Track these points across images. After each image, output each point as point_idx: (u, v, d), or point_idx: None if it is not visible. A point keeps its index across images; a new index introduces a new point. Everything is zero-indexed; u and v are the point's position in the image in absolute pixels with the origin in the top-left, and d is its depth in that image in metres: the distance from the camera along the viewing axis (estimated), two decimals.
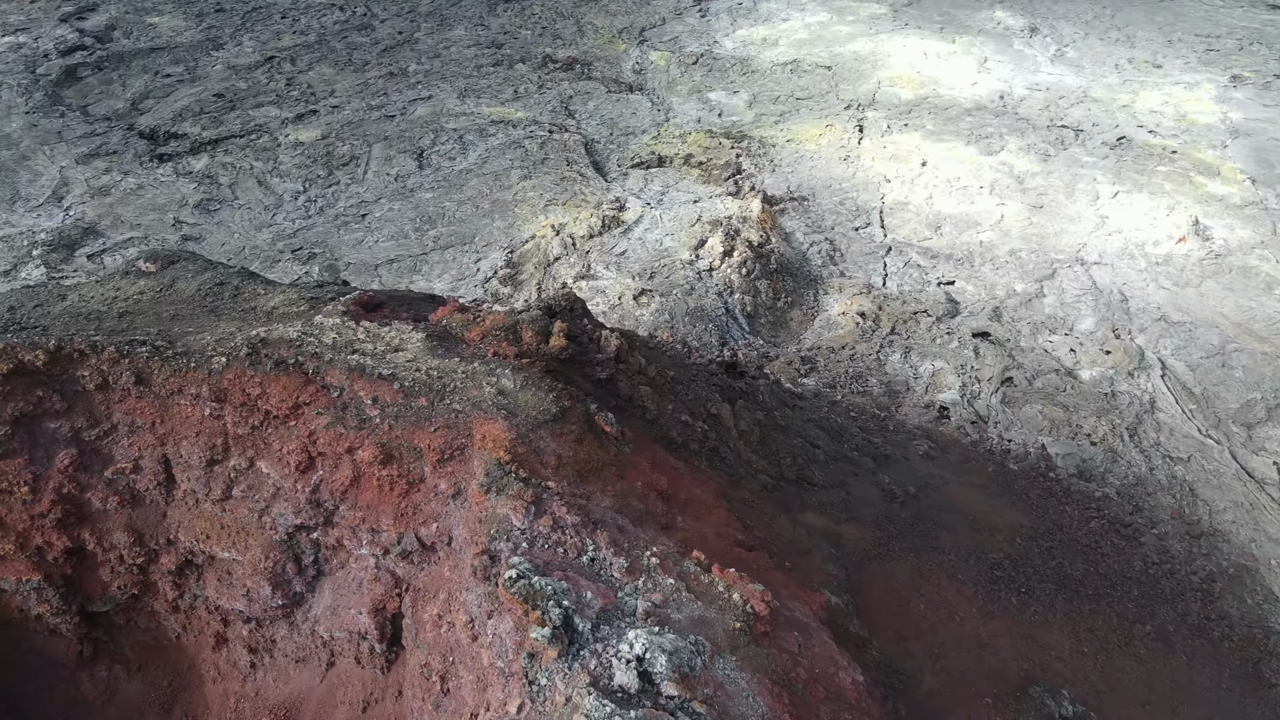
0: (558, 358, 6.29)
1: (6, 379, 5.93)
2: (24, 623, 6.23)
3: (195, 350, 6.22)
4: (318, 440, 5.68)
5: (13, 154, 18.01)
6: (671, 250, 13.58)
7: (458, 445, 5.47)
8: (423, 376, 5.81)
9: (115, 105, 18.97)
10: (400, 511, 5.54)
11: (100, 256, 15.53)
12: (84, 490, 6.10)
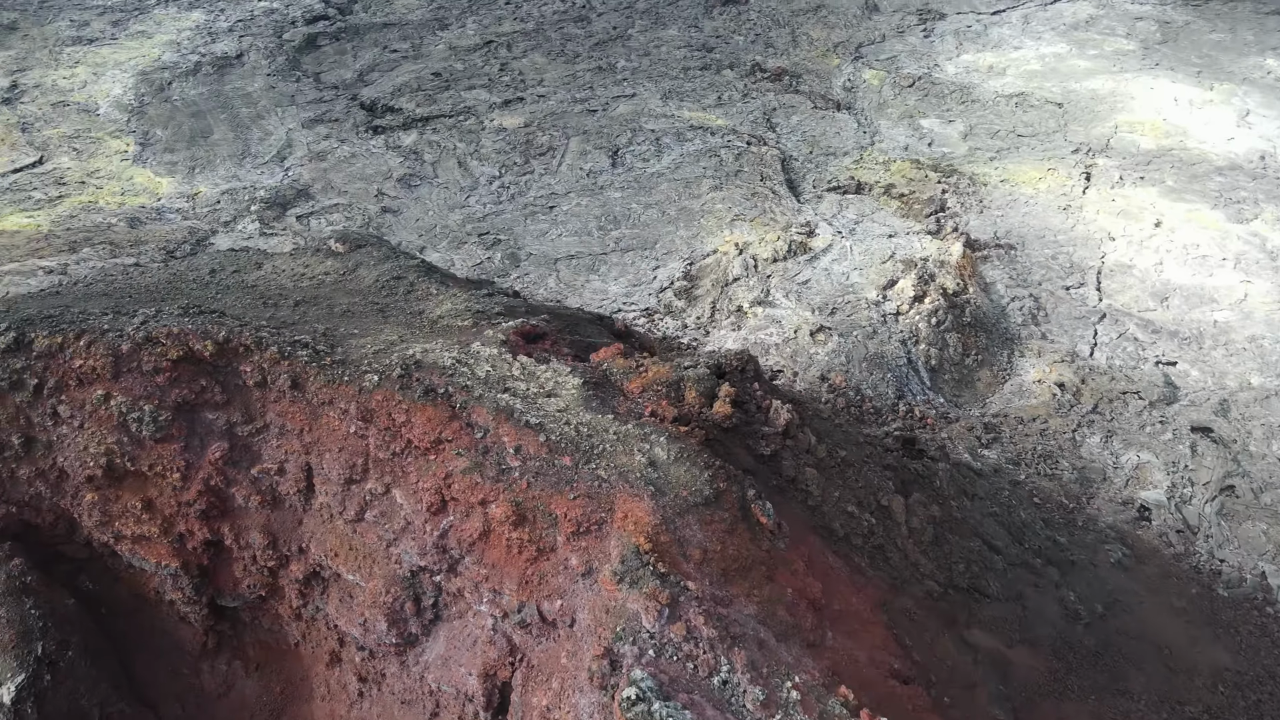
0: (720, 425, 5.58)
1: (175, 365, 5.83)
2: (157, 605, 6.17)
3: (352, 360, 5.93)
4: (453, 484, 5.23)
5: (250, 112, 18.97)
6: (857, 286, 12.53)
7: (596, 519, 4.88)
8: (571, 432, 5.24)
9: (344, 75, 19.64)
10: (525, 578, 5.01)
11: (307, 218, 16.05)
12: (229, 485, 5.95)
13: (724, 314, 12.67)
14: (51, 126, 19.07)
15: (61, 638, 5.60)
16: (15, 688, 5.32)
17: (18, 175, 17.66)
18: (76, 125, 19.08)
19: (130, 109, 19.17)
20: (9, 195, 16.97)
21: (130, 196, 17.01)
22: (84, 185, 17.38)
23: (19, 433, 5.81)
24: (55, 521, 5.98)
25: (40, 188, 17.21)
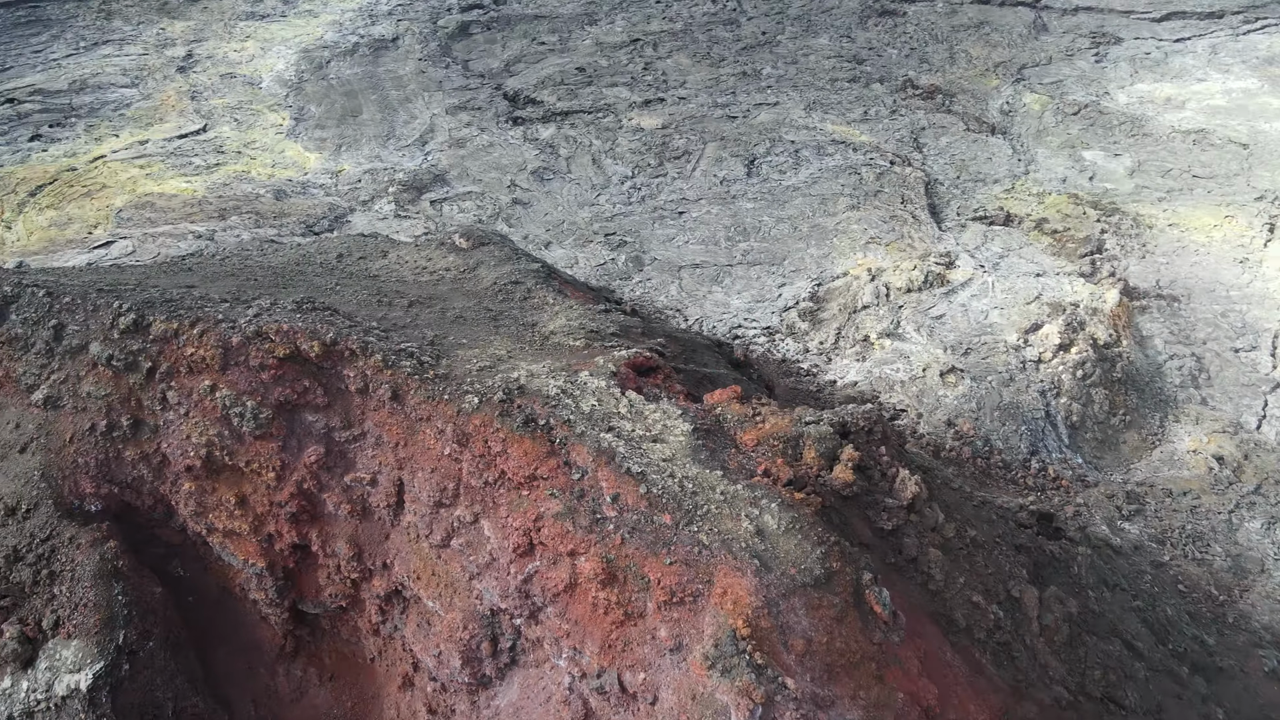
0: (838, 493, 4.96)
1: (281, 363, 5.62)
2: (242, 602, 6.02)
3: (455, 377, 5.59)
4: (543, 528, 4.80)
5: (399, 95, 19.20)
6: (996, 327, 11.53)
7: (692, 590, 4.36)
8: (674, 486, 4.73)
9: (491, 64, 19.65)
10: (609, 641, 4.54)
11: (441, 204, 16.07)
12: (321, 490, 5.71)
13: (849, 342, 11.90)
14: (218, 96, 19.81)
15: (144, 628, 5.49)
16: (93, 675, 5.23)
17: (183, 141, 18.39)
18: (240, 97, 19.75)
19: (289, 84, 19.71)
20: (173, 160, 17.68)
21: (280, 169, 17.46)
22: (240, 155, 17.95)
23: (129, 414, 5.73)
24: (154, 505, 5.88)
25: (201, 154, 17.86)
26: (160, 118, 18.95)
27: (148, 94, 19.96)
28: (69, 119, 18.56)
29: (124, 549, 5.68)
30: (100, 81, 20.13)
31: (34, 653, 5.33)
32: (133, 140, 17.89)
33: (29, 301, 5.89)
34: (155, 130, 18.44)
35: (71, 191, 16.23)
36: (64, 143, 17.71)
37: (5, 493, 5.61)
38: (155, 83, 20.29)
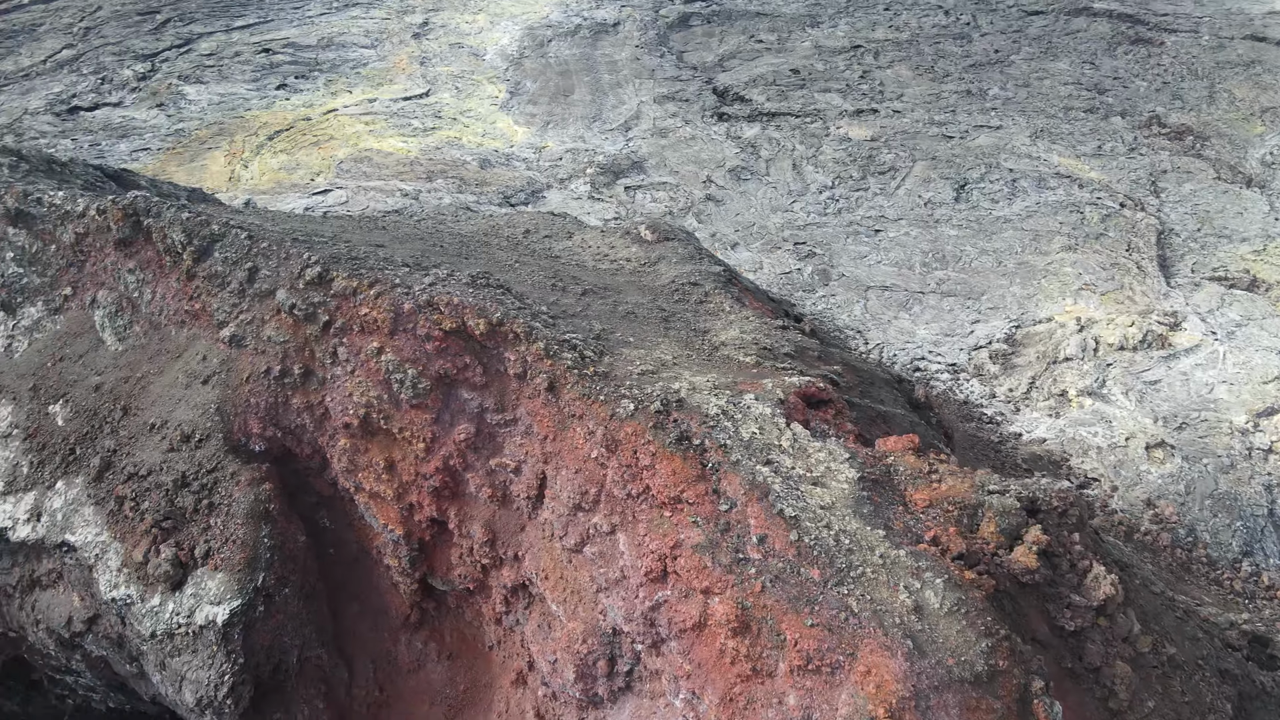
0: (1017, 578, 4.30)
1: (446, 336, 5.53)
2: (377, 564, 6.02)
3: (615, 377, 5.30)
4: (680, 558, 4.43)
5: (611, 79, 19.29)
6: (1222, 405, 10.13)
7: (831, 660, 3.87)
8: (829, 539, 4.23)
9: (705, 58, 19.38)
10: (731, 695, 4.12)
11: (635, 191, 15.98)
12: (466, 469, 5.60)
13: (1042, 394, 10.80)
14: (444, 64, 20.62)
15: (284, 574, 5.57)
16: (229, 611, 5.35)
17: (406, 103, 19.26)
18: (464, 66, 20.47)
19: (510, 59, 20.23)
20: (395, 120, 18.54)
21: (488, 139, 17.94)
22: (454, 122, 18.59)
23: (301, 363, 5.82)
24: (312, 455, 5.97)
25: (420, 117, 18.63)
26: (390, 79, 19.94)
27: (383, 56, 21.06)
28: (312, 72, 19.85)
29: (278, 493, 5.79)
30: (344, 40, 21.43)
31: (184, 577, 5.52)
32: (363, 97, 18.92)
33: (231, 242, 6.10)
34: (384, 90, 19.43)
35: (303, 139, 17.33)
36: (304, 94, 18.95)
37: (184, 420, 5.84)
38: (391, 46, 21.38)
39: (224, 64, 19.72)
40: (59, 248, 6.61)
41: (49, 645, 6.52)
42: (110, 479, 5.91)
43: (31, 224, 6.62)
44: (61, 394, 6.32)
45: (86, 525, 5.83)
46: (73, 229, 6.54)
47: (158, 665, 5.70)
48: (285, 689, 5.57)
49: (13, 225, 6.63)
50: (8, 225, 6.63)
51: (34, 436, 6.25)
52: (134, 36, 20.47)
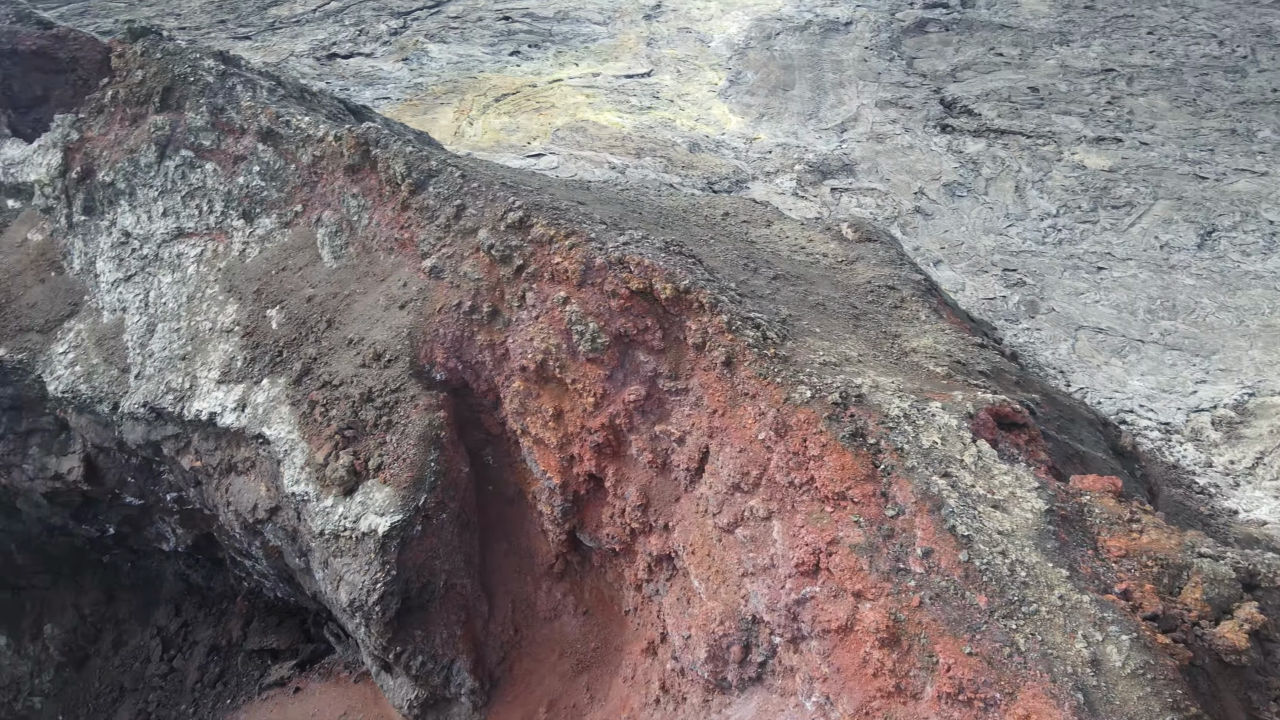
0: (1218, 655, 3.78)
1: (631, 296, 5.52)
2: (531, 508, 6.13)
3: (795, 362, 5.10)
4: (835, 555, 4.20)
5: (834, 78, 18.83)
6: None
7: (986, 696, 3.53)
8: (1003, 567, 3.87)
9: (937, 66, 18.53)
10: (867, 707, 3.85)
11: (840, 194, 15.53)
12: (630, 430, 5.57)
13: (1271, 473, 9.59)
14: (670, 47, 20.84)
15: (443, 499, 5.77)
16: (390, 524, 5.59)
17: (628, 80, 19.61)
18: (688, 51, 20.60)
19: (735, 48, 20.16)
20: (614, 95, 18.93)
21: (702, 124, 17.98)
22: (671, 104, 18.74)
23: (491, 302, 6.00)
24: (486, 392, 6.15)
25: (639, 96, 18.92)
26: (616, 56, 20.38)
27: (613, 34, 21.55)
28: (544, 42, 20.60)
29: (450, 422, 6.00)
30: (579, 15, 22.10)
31: (355, 485, 5.83)
32: (588, 71, 19.45)
33: (445, 179, 6.36)
34: (608, 66, 19.87)
35: (527, 105, 18.02)
36: (534, 62, 19.71)
37: (379, 340, 6.16)
38: (622, 25, 21.84)
39: (467, 27, 20.83)
40: (297, 167, 7.14)
41: (235, 528, 7.10)
42: (307, 384, 6.33)
43: (278, 143, 7.19)
44: (279, 300, 6.83)
45: (281, 422, 6.28)
46: (311, 151, 7.04)
47: (321, 563, 6.06)
48: (429, 609, 5.78)
49: (262, 142, 7.22)
50: (258, 141, 7.23)
51: (251, 335, 6.79)
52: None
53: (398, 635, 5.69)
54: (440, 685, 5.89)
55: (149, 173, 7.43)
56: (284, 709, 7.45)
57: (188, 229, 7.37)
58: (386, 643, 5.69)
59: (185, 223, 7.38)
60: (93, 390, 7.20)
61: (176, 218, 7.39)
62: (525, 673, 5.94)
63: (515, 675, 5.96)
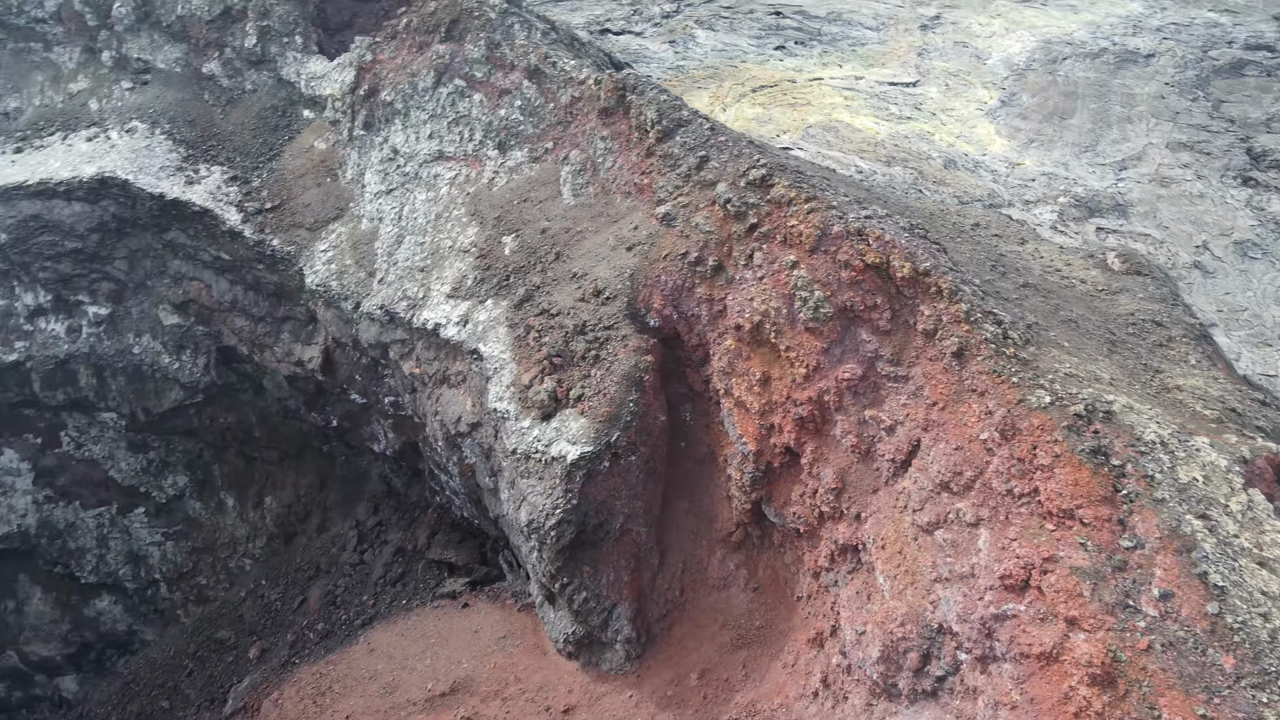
0: None
1: (864, 270, 5.19)
2: (720, 472, 5.93)
3: (1036, 367, 4.59)
4: (1051, 574, 3.70)
5: (1122, 112, 17.22)
6: None
7: None
8: (1262, 632, 3.24)
9: (1249, 113, 16.47)
10: None
11: (1107, 235, 14.16)
12: (838, 410, 5.25)
13: None
14: (942, 60, 19.91)
15: (634, 441, 5.71)
16: (580, 454, 5.60)
17: (891, 88, 18.92)
18: (961, 65, 19.59)
19: (1013, 68, 18.94)
20: (873, 100, 18.32)
21: (962, 142, 17.00)
22: (933, 117, 17.88)
23: (717, 257, 5.87)
24: (696, 347, 6.03)
25: (899, 104, 18.20)
26: (882, 63, 19.72)
27: (883, 40, 20.88)
28: (811, 40, 20.29)
29: (655, 369, 5.93)
30: (851, 18, 21.59)
31: (554, 411, 5.89)
32: (850, 74, 18.94)
33: (694, 129, 6.29)
34: (873, 71, 19.27)
35: (782, 99, 17.81)
36: (797, 58, 19.45)
37: (601, 277, 6.20)
38: (894, 32, 21.11)
39: (737, 17, 20.91)
40: (555, 106, 7.35)
41: (439, 439, 7.44)
42: (526, 309, 6.49)
43: (542, 81, 7.43)
44: (516, 229, 7.06)
45: (497, 342, 6.48)
46: (570, 92, 7.22)
47: (509, 483, 6.20)
48: (601, 548, 5.75)
49: (528, 79, 7.49)
50: (524, 78, 7.51)
51: (484, 257, 7.07)
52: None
53: (567, 565, 5.70)
54: (598, 626, 5.85)
55: (424, 97, 7.93)
56: (450, 620, 7.74)
57: (448, 153, 7.79)
58: (555, 570, 5.72)
59: (446, 147, 7.80)
60: (341, 287, 7.78)
61: (440, 141, 7.83)
62: (683, 635, 5.78)
63: (673, 636, 5.81)
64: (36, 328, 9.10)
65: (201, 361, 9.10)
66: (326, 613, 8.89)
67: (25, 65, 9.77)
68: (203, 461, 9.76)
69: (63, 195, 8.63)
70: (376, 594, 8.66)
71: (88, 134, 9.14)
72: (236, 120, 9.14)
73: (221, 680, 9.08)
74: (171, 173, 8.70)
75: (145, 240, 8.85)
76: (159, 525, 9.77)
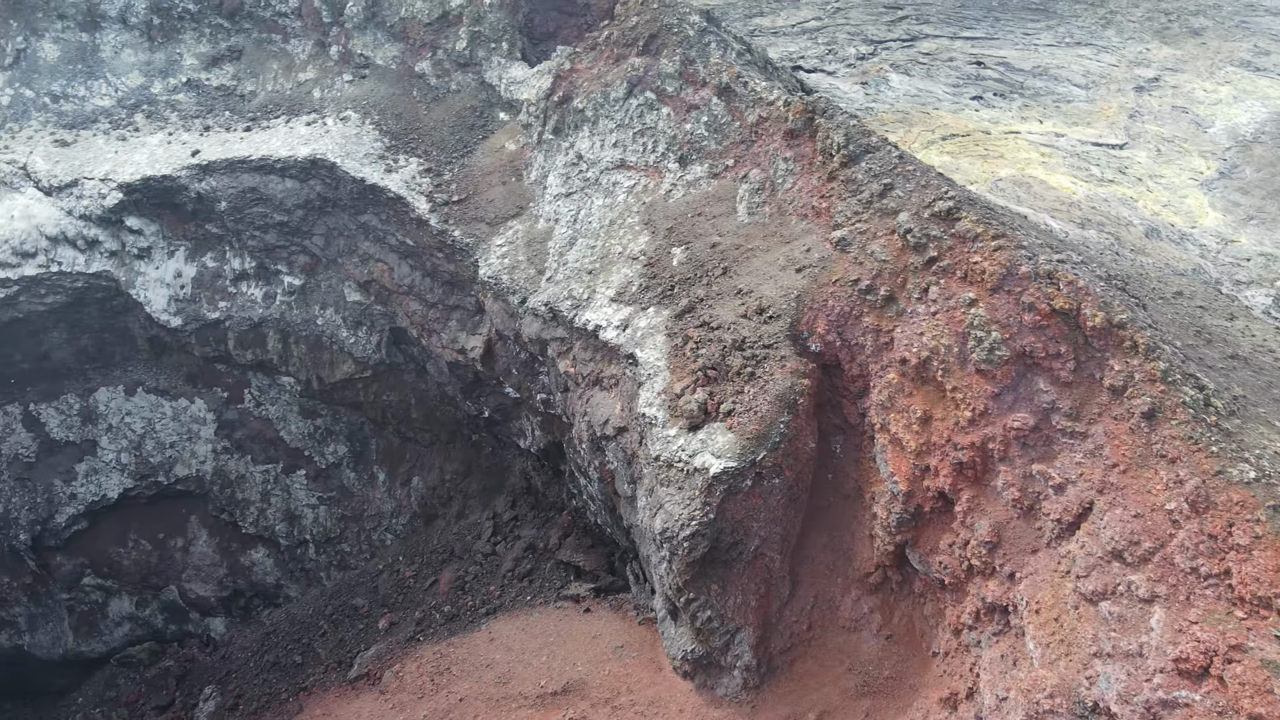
0: None
1: (1050, 315, 4.88)
2: (863, 511, 5.69)
3: (1238, 439, 4.14)
4: (1236, 665, 3.28)
5: None
6: None
7: None
8: None
9: None
10: None
11: None
12: (1002, 461, 4.93)
13: None
14: (1155, 124, 18.70)
15: (780, 464, 5.56)
16: (724, 468, 5.51)
17: (1094, 148, 17.92)
18: (1177, 132, 18.34)
19: (1239, 139, 17.54)
20: (1073, 159, 17.40)
21: (1169, 211, 15.84)
22: (1139, 182, 16.78)
23: (890, 288, 5.67)
24: (856, 379, 5.84)
25: (1102, 166, 17.19)
26: (1088, 122, 18.72)
27: (1092, 99, 19.84)
28: (1012, 93, 19.54)
29: (811, 394, 5.79)
30: (1058, 74, 20.66)
31: (702, 423, 5.85)
32: (1050, 130, 18.07)
33: (881, 156, 6.15)
34: (1076, 130, 18.31)
35: (973, 149, 17.21)
36: (994, 110, 18.76)
37: (766, 295, 6.13)
38: (1104, 92, 20.03)
39: (935, 64, 20.44)
40: (741, 124, 7.37)
41: (584, 441, 7.54)
42: (687, 320, 6.50)
43: (731, 99, 7.48)
44: (686, 242, 7.11)
45: (653, 349, 6.51)
46: (758, 112, 7.22)
47: (648, 490, 6.19)
48: (732, 568, 5.62)
49: (717, 96, 7.56)
50: (714, 95, 7.58)
51: (652, 266, 7.14)
52: (871, 24, 22.29)
53: (696, 579, 5.61)
54: (719, 649, 5.71)
55: (614, 107, 8.15)
56: (570, 622, 7.79)
57: (629, 162, 7.96)
58: (683, 584, 5.64)
59: (629, 156, 7.98)
60: (511, 281, 8.07)
61: (623, 150, 8.02)
62: (805, 673, 5.55)
63: (795, 672, 5.60)
64: (239, 290, 9.94)
65: (375, 339, 9.65)
66: (454, 597, 9.15)
67: (264, 54, 10.77)
68: (362, 435, 10.32)
69: (278, 172, 9.41)
70: (503, 586, 8.85)
71: (307, 119, 9.96)
72: (438, 117, 9.71)
73: (351, 645, 9.50)
74: (374, 160, 9.33)
75: (342, 220, 9.51)
76: (316, 489, 10.40)
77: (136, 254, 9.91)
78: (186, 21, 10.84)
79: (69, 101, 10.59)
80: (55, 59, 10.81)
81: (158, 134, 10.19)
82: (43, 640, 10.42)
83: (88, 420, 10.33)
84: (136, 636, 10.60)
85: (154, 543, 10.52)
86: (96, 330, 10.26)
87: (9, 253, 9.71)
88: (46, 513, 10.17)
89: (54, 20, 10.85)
